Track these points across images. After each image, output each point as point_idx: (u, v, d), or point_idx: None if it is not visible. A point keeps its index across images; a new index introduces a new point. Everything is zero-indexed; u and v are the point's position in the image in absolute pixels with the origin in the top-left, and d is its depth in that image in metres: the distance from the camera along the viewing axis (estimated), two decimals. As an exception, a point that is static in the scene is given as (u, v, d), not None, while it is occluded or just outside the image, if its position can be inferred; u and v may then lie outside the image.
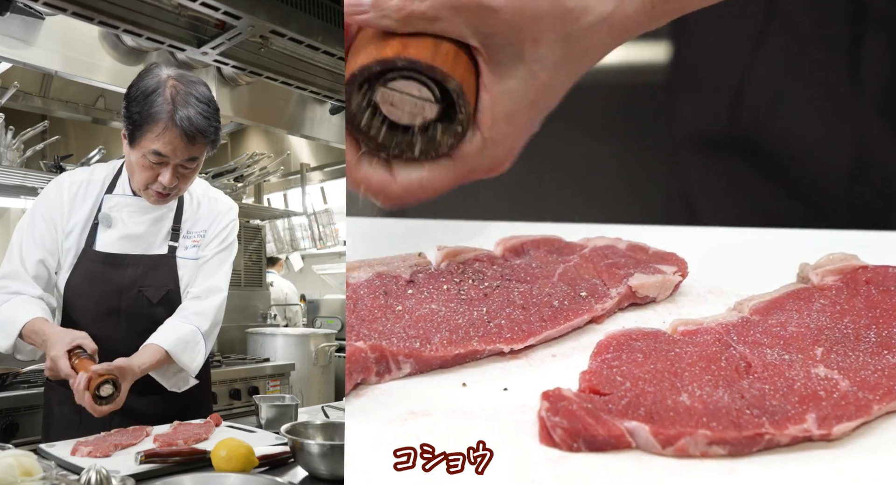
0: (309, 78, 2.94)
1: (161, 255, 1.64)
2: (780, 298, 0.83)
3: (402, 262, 0.93)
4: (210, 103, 1.52)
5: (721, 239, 1.02)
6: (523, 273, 0.92)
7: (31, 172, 2.86)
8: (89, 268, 1.59)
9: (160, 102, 1.46)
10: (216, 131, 1.53)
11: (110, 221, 1.60)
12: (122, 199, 1.62)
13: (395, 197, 0.77)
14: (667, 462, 0.64)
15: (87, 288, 1.59)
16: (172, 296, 1.64)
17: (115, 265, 1.60)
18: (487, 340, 0.80)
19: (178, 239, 1.66)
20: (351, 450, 0.66)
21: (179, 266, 1.65)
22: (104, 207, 1.61)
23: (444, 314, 0.82)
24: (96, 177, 1.65)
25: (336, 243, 4.85)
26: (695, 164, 1.09)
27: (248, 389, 3.22)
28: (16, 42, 2.34)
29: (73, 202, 1.61)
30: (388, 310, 0.83)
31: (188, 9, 2.31)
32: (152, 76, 1.51)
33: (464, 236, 1.03)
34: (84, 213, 1.61)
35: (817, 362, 0.73)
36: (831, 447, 0.67)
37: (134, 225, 1.62)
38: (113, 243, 1.60)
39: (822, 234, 0.98)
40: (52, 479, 0.96)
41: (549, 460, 0.64)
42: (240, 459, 1.14)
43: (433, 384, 0.76)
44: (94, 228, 1.60)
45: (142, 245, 1.63)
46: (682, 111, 1.09)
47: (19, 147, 2.86)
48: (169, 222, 1.66)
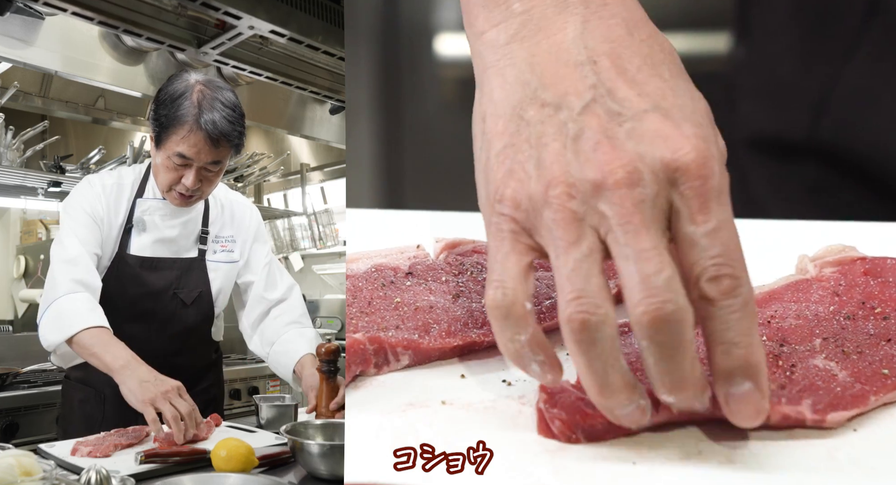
0: (309, 78, 2.94)
1: (192, 258, 1.69)
2: (778, 289, 0.83)
3: (401, 253, 0.93)
4: (235, 108, 1.56)
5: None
6: None
7: (31, 172, 2.86)
8: (125, 271, 1.63)
9: (187, 106, 1.50)
10: (240, 136, 1.57)
11: (144, 224, 1.64)
12: (154, 203, 1.65)
13: None
14: (666, 454, 0.64)
15: (122, 291, 1.62)
16: (204, 298, 1.70)
17: (150, 269, 1.64)
18: (486, 332, 0.80)
19: (207, 243, 1.71)
20: (350, 441, 0.66)
21: (210, 269, 1.70)
22: (137, 210, 1.64)
23: (442, 306, 0.82)
24: (125, 181, 1.67)
25: (336, 243, 4.85)
26: (755, 165, 1.06)
27: (248, 389, 3.22)
28: (16, 42, 2.34)
29: (109, 204, 1.63)
30: (387, 301, 0.83)
31: (188, 9, 2.32)
32: (181, 80, 1.55)
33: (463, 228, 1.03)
34: (120, 217, 1.64)
35: (815, 353, 0.73)
36: (827, 436, 0.67)
37: (167, 229, 1.65)
38: (147, 247, 1.64)
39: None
40: (52, 479, 0.96)
41: (548, 453, 0.64)
42: (240, 459, 1.14)
43: (432, 376, 0.76)
44: (128, 232, 1.63)
45: (174, 248, 1.67)
46: (744, 111, 1.06)
47: (19, 147, 2.86)
48: (198, 226, 1.70)
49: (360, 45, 1.66)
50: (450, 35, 1.57)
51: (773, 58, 0.97)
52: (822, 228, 0.95)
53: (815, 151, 0.97)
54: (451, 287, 0.86)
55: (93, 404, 1.64)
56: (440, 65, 1.57)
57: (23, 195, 3.11)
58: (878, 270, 0.83)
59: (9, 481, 0.90)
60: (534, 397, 0.69)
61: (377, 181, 1.71)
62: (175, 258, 1.67)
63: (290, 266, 5.43)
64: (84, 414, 1.64)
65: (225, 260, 1.73)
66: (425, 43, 1.59)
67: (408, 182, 1.70)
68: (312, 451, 1.12)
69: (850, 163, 0.82)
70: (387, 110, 1.63)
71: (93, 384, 1.64)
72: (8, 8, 2.13)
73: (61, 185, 2.91)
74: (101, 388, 1.62)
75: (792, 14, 0.93)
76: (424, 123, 1.62)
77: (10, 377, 2.47)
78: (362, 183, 1.71)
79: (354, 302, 0.83)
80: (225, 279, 1.73)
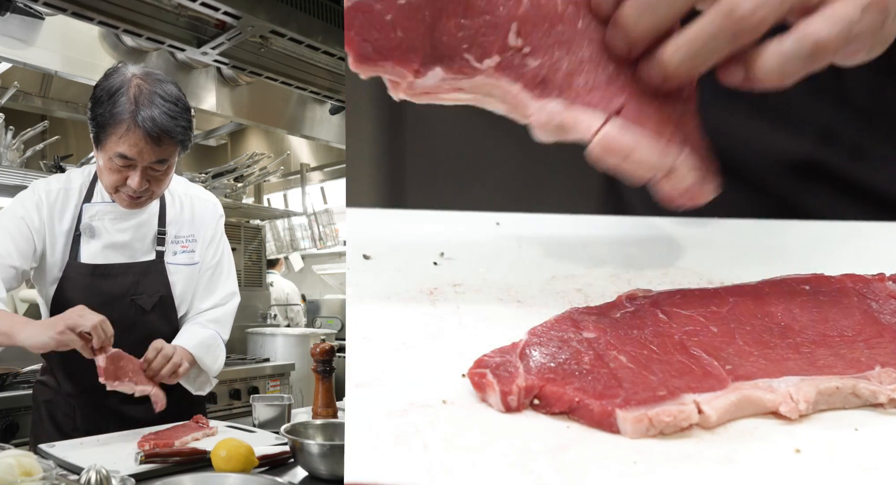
0: (309, 78, 2.94)
1: (149, 261, 1.60)
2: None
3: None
4: (178, 102, 1.46)
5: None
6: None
7: (31, 172, 2.87)
8: (77, 281, 1.54)
9: (123, 102, 1.41)
10: (184, 131, 1.47)
11: (93, 231, 1.55)
12: (102, 207, 1.57)
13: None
14: (665, 451, 0.64)
15: (76, 301, 1.48)
16: (165, 302, 1.61)
17: (103, 276, 1.55)
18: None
19: (166, 244, 1.61)
20: (350, 441, 0.66)
21: (170, 272, 1.61)
22: (84, 216, 1.55)
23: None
24: (73, 185, 1.58)
25: (336, 243, 4.85)
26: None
27: (247, 389, 3.22)
28: (16, 42, 2.34)
29: (52, 213, 1.54)
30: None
31: (188, 9, 2.32)
32: (118, 75, 1.46)
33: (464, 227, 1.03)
34: (65, 224, 1.55)
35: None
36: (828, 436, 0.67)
37: (118, 233, 1.57)
38: (98, 254, 1.55)
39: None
40: (52, 479, 0.96)
41: (549, 452, 0.64)
42: (240, 459, 1.14)
43: (432, 376, 0.76)
44: (77, 239, 1.55)
45: (128, 253, 1.58)
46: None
47: (19, 147, 2.87)
48: (153, 227, 1.61)
49: (360, 45, 1.65)
50: (450, 35, 1.57)
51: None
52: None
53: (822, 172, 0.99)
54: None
55: (63, 412, 1.58)
56: (440, 64, 1.57)
57: (23, 195, 3.10)
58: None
59: (9, 481, 0.90)
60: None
61: (377, 181, 1.71)
62: (130, 263, 1.58)
63: (290, 266, 5.44)
64: (54, 421, 1.58)
65: (186, 262, 1.63)
66: (425, 43, 1.58)
67: (408, 182, 1.69)
68: (312, 451, 1.12)
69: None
70: (387, 110, 1.63)
71: (62, 393, 1.59)
72: (8, 8, 2.13)
73: (61, 185, 2.91)
74: (71, 397, 1.58)
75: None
76: (425, 123, 1.62)
77: (10, 377, 2.47)
78: (362, 183, 1.71)
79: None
80: (187, 281, 1.64)
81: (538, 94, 0.74)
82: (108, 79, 1.47)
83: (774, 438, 0.67)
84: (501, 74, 0.74)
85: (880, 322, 0.82)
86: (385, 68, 0.73)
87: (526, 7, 0.72)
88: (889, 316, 0.83)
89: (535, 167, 1.41)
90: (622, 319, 0.82)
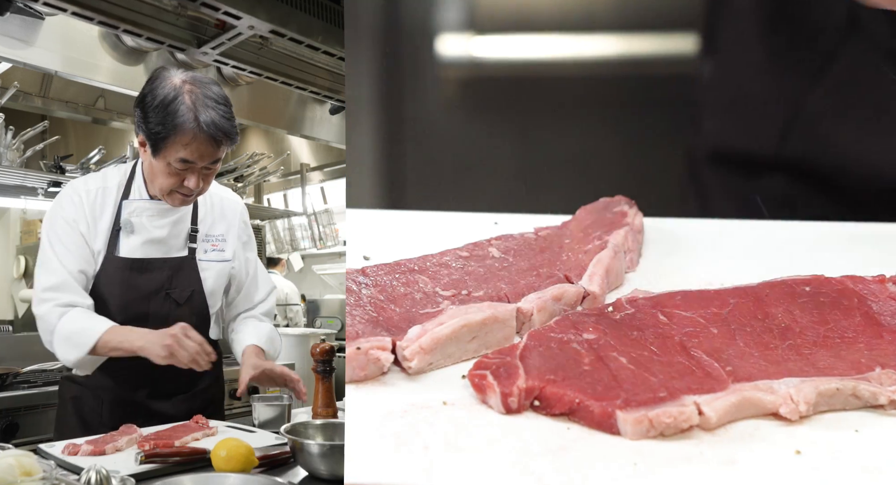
0: (309, 78, 2.94)
1: (183, 257, 1.66)
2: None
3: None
4: (226, 103, 1.55)
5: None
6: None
7: (31, 172, 2.86)
8: (115, 274, 1.61)
9: (183, 111, 1.47)
10: (236, 130, 1.56)
11: (132, 226, 1.62)
12: (141, 204, 1.63)
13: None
14: (666, 453, 0.64)
15: (114, 294, 1.59)
16: (196, 297, 1.67)
17: (140, 270, 1.62)
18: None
19: (197, 241, 1.69)
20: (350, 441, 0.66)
21: (202, 268, 1.68)
22: (124, 212, 1.62)
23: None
24: (110, 183, 1.65)
25: (336, 243, 4.85)
26: (718, 179, 1.10)
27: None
28: (16, 42, 2.34)
29: (93, 211, 1.61)
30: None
31: (188, 9, 2.32)
32: (166, 82, 1.51)
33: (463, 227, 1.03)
34: (105, 220, 1.62)
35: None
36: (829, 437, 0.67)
37: (155, 229, 1.63)
38: (137, 249, 1.62)
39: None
40: (52, 479, 0.96)
41: (550, 452, 0.64)
42: (240, 459, 1.14)
43: (432, 376, 0.76)
44: (116, 235, 1.61)
45: (164, 249, 1.64)
46: (709, 126, 1.09)
47: (19, 147, 2.87)
48: (187, 225, 1.68)
49: (361, 45, 1.66)
50: (450, 35, 1.57)
51: (741, 74, 1.01)
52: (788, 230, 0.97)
53: (782, 167, 1.00)
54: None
55: (90, 408, 1.63)
56: (440, 65, 1.57)
57: (23, 195, 3.11)
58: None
59: (9, 481, 0.90)
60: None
61: (377, 181, 1.71)
62: (165, 258, 1.64)
63: (291, 266, 5.44)
64: (80, 418, 1.63)
65: (216, 259, 1.72)
66: (425, 43, 1.58)
67: (408, 182, 1.70)
68: (312, 451, 1.12)
69: (817, 178, 0.85)
70: (387, 110, 1.63)
71: (90, 389, 1.63)
72: (8, 8, 2.13)
73: (61, 185, 2.91)
74: (98, 393, 1.62)
75: (765, 33, 0.96)
76: (424, 123, 1.62)
77: (10, 377, 2.47)
78: (362, 183, 1.71)
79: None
80: (217, 278, 1.71)
81: None
82: (156, 87, 1.51)
83: (775, 439, 0.67)
84: None
85: (881, 324, 0.82)
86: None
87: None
88: (889, 317, 0.83)
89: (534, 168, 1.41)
90: (622, 320, 0.82)
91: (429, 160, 1.68)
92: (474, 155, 1.58)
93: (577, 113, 1.44)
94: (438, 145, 1.64)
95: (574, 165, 1.43)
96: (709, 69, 1.11)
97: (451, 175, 1.64)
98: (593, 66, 1.05)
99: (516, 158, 1.49)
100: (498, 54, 1.57)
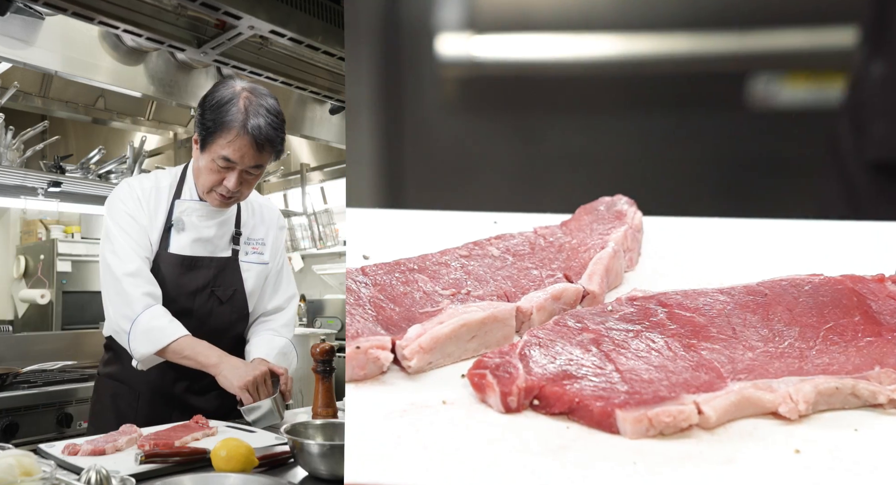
0: (309, 78, 2.94)
1: (227, 257, 1.75)
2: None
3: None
4: (279, 115, 1.62)
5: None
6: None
7: (31, 171, 2.86)
8: (166, 270, 1.69)
9: (234, 112, 1.56)
10: (282, 142, 1.64)
11: (182, 224, 1.70)
12: (191, 204, 1.72)
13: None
14: (665, 452, 0.64)
15: (163, 289, 1.66)
16: (238, 297, 1.76)
17: (189, 267, 1.70)
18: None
19: (240, 244, 1.78)
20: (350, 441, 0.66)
21: (243, 269, 1.77)
22: (175, 211, 1.71)
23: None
24: (162, 184, 1.74)
25: (336, 243, 4.85)
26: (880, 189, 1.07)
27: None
28: (16, 42, 2.34)
29: (149, 207, 1.70)
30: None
31: (188, 9, 2.32)
32: (227, 87, 1.62)
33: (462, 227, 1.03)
34: (159, 218, 1.70)
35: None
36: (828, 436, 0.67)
37: (204, 228, 1.72)
38: (186, 246, 1.70)
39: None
40: (52, 479, 0.96)
41: (550, 452, 0.64)
42: (240, 459, 1.14)
43: (432, 376, 0.76)
44: (168, 232, 1.70)
45: (210, 248, 1.73)
46: (876, 132, 1.06)
47: (19, 147, 2.87)
48: (231, 227, 1.77)
49: (361, 45, 1.66)
50: (450, 35, 1.57)
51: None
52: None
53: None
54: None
55: (126, 401, 1.69)
56: (440, 64, 1.57)
57: (23, 195, 3.10)
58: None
59: (9, 481, 0.90)
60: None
61: (377, 181, 1.72)
62: (212, 257, 1.73)
63: (291, 266, 5.44)
64: (117, 411, 1.68)
65: (257, 262, 1.80)
66: (425, 43, 1.59)
67: (408, 182, 1.70)
68: (312, 451, 1.12)
69: None
70: (387, 110, 1.64)
71: (128, 382, 1.69)
72: (8, 8, 2.13)
73: (61, 185, 2.91)
74: (136, 386, 1.68)
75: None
76: (424, 123, 1.63)
77: (10, 377, 2.47)
78: (362, 183, 1.72)
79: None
80: (257, 279, 1.79)
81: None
82: (217, 90, 1.62)
83: (774, 438, 0.67)
84: None
85: (880, 323, 0.82)
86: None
87: None
88: (889, 316, 0.83)
89: (534, 167, 1.42)
90: (622, 319, 0.82)
91: (429, 160, 1.68)
92: (474, 154, 1.59)
93: (577, 113, 1.44)
94: (438, 145, 1.65)
95: (574, 165, 1.43)
96: (875, 76, 1.08)
97: (450, 174, 1.64)
98: (593, 66, 1.05)
99: (516, 158, 1.49)
100: (498, 54, 1.57)
